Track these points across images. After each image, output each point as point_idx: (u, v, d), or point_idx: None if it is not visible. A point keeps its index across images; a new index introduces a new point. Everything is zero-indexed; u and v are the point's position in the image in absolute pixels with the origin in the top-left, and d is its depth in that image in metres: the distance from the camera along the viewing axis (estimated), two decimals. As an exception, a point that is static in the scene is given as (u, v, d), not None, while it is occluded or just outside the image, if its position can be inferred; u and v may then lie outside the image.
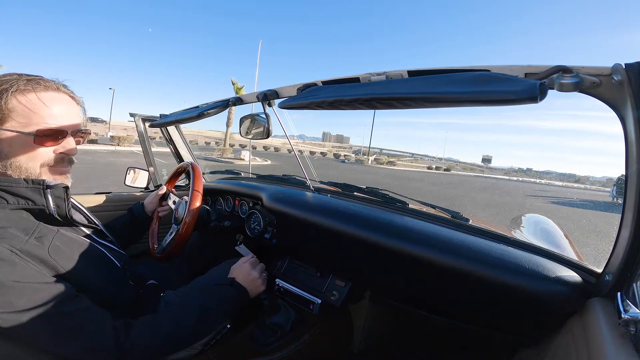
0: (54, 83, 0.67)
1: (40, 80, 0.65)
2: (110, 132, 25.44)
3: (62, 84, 0.69)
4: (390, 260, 0.87)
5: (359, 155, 54.55)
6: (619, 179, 15.87)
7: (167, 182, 1.28)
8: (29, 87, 0.61)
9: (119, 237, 0.91)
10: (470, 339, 1.05)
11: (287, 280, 1.11)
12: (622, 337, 0.44)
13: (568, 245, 1.31)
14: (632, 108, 0.43)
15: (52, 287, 0.55)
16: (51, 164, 0.66)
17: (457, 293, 0.80)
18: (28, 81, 0.62)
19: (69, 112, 0.67)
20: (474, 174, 49.21)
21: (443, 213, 0.98)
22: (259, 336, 1.01)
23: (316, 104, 0.68)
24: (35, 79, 0.64)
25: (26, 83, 0.62)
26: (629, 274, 0.52)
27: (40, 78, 0.65)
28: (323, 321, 1.07)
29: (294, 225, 1.11)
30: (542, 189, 24.64)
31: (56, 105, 0.65)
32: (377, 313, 1.22)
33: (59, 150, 0.66)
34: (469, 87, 0.47)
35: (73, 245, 0.65)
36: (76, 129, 0.69)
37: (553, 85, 0.45)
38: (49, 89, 0.65)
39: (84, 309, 0.57)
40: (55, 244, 0.60)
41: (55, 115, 0.64)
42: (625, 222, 0.52)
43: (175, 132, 1.64)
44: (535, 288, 0.64)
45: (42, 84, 0.64)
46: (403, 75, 0.62)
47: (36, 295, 0.53)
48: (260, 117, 1.10)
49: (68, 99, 0.69)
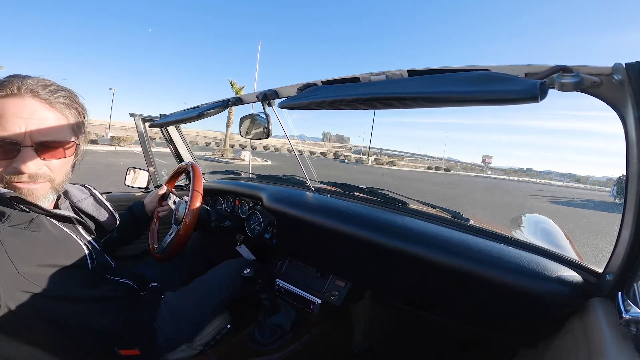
0: (16, 84, 0.58)
1: (5, 83, 0.57)
2: (110, 133, 25.45)
3: (32, 87, 0.59)
4: (390, 260, 0.87)
5: (359, 156, 54.56)
6: (619, 179, 15.86)
7: (167, 182, 1.28)
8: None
9: (118, 236, 0.91)
10: (470, 339, 1.05)
11: (288, 280, 1.11)
12: (623, 337, 0.44)
13: (568, 245, 1.30)
14: (632, 108, 0.42)
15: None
16: (6, 177, 0.58)
17: (458, 293, 0.80)
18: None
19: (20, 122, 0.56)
20: (474, 174, 49.20)
21: (443, 213, 0.98)
22: (259, 336, 1.01)
23: (316, 104, 0.68)
24: (1, 82, 0.58)
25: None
26: (629, 274, 0.52)
27: (6, 80, 0.58)
28: (323, 321, 1.07)
29: (294, 225, 1.11)
30: (542, 189, 24.63)
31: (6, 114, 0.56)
32: (377, 313, 1.22)
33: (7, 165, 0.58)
34: (469, 87, 0.47)
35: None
36: (38, 140, 0.58)
37: (553, 84, 0.45)
38: (8, 96, 0.57)
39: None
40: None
41: (2, 126, 0.55)
42: (625, 222, 0.52)
43: (175, 132, 1.64)
44: (536, 288, 0.63)
45: (3, 90, 0.57)
46: (403, 75, 0.62)
47: None
48: (260, 117, 1.10)
49: (31, 105, 0.58)
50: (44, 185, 0.63)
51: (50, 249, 0.62)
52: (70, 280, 0.63)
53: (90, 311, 0.67)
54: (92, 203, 0.85)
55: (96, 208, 0.85)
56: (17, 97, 0.58)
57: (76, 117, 0.67)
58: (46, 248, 0.61)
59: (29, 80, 0.60)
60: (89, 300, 0.67)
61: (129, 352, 0.75)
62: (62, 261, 0.62)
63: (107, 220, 0.86)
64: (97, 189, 0.90)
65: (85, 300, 0.66)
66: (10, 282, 0.54)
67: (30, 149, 0.58)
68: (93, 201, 0.86)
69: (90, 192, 0.87)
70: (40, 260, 0.59)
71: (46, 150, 0.61)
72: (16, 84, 0.58)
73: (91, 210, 0.84)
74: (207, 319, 0.96)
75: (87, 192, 0.86)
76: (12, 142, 0.57)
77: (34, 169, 0.59)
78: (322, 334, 1.07)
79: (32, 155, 0.59)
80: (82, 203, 0.82)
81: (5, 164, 0.58)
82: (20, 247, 0.56)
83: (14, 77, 0.60)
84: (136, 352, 0.76)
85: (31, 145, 0.58)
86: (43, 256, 0.60)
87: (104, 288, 0.72)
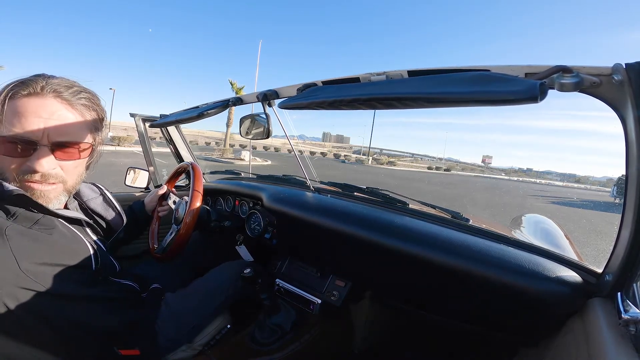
0: (40, 83, 0.58)
1: (30, 82, 0.58)
2: (110, 133, 25.46)
3: (56, 87, 0.60)
4: (390, 260, 0.87)
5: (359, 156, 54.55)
6: (619, 179, 15.87)
7: (168, 182, 1.28)
8: (13, 91, 0.57)
9: (118, 235, 0.91)
10: (470, 339, 1.05)
11: (288, 280, 1.11)
12: (622, 337, 0.44)
13: (568, 245, 1.30)
14: (632, 108, 0.42)
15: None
16: (19, 175, 0.59)
17: (458, 293, 0.80)
18: (17, 84, 0.57)
19: (39, 122, 0.57)
20: (474, 174, 49.20)
21: (443, 213, 0.98)
22: (259, 336, 1.01)
23: (316, 104, 0.68)
24: (27, 81, 0.58)
25: (13, 87, 0.57)
26: (629, 274, 0.52)
27: (31, 79, 0.59)
28: (323, 321, 1.07)
29: (294, 225, 1.11)
30: (542, 189, 24.63)
31: (27, 113, 0.57)
32: (377, 313, 1.22)
33: (21, 163, 0.58)
34: (469, 87, 0.47)
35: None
36: (55, 140, 0.59)
37: (553, 85, 0.45)
38: (30, 95, 0.58)
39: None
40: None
41: (21, 125, 0.56)
42: (625, 222, 0.52)
43: (176, 132, 1.64)
44: (536, 288, 0.64)
45: (27, 88, 0.57)
46: (403, 75, 0.62)
47: None
48: (261, 117, 1.10)
49: (52, 105, 0.59)
50: (56, 187, 0.63)
51: (55, 248, 0.61)
52: (72, 279, 0.63)
53: (90, 311, 0.67)
54: (101, 202, 0.85)
55: (105, 208, 0.85)
56: (39, 96, 0.58)
57: (95, 119, 0.68)
58: (51, 247, 0.61)
59: (53, 80, 0.60)
60: (89, 300, 0.67)
61: (129, 352, 0.75)
62: (65, 260, 0.62)
63: (114, 219, 0.86)
64: (108, 189, 0.89)
65: (85, 301, 0.66)
66: (10, 277, 0.54)
67: (46, 148, 0.59)
68: (102, 201, 0.86)
69: (101, 192, 0.87)
70: (44, 259, 0.58)
71: (62, 151, 0.61)
72: (40, 83, 0.59)
73: (100, 209, 0.84)
74: (207, 320, 0.96)
75: (98, 191, 0.86)
76: (29, 141, 0.57)
77: (47, 169, 0.59)
78: (322, 334, 1.07)
79: (47, 155, 0.59)
80: (91, 202, 0.82)
81: (19, 162, 0.58)
82: (24, 244, 0.56)
83: (39, 76, 0.60)
84: (136, 352, 0.76)
85: (47, 145, 0.59)
86: (47, 255, 0.59)
87: (105, 289, 0.72)
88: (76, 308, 0.64)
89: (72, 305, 0.63)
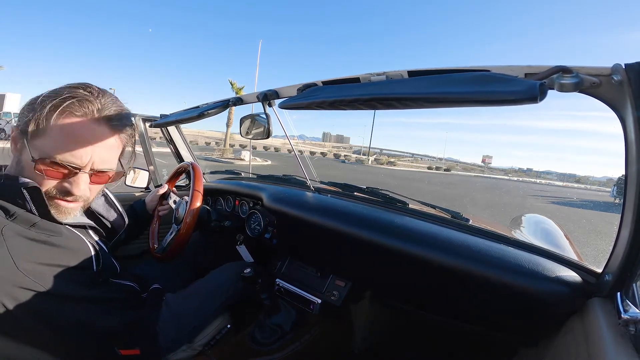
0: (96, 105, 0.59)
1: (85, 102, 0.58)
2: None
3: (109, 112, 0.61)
4: (390, 260, 0.87)
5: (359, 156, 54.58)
6: (619, 179, 15.88)
7: (168, 182, 1.28)
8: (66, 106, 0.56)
9: (120, 236, 0.91)
10: (470, 339, 1.05)
11: (288, 280, 1.11)
12: (621, 337, 0.44)
13: (568, 245, 1.30)
14: (632, 108, 0.43)
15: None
16: (51, 193, 0.61)
17: (457, 293, 0.80)
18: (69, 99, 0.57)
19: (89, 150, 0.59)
20: (474, 174, 49.20)
21: (443, 213, 0.98)
22: (259, 336, 1.01)
23: (316, 104, 0.68)
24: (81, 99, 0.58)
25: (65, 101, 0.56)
26: (628, 274, 0.52)
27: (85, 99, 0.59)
28: (323, 321, 1.08)
29: (294, 225, 1.11)
30: (542, 189, 24.64)
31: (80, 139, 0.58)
32: (377, 313, 1.22)
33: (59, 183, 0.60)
34: (469, 87, 0.47)
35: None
36: (96, 168, 0.61)
37: (553, 85, 0.45)
38: (86, 117, 0.58)
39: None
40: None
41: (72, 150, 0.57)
42: (625, 222, 0.52)
43: (176, 132, 1.64)
44: (536, 288, 0.64)
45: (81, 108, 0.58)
46: (403, 75, 0.62)
47: None
48: (261, 117, 1.10)
49: (103, 135, 0.61)
50: (79, 205, 0.65)
51: (56, 249, 0.61)
52: (72, 280, 0.62)
53: (91, 312, 0.67)
54: (103, 203, 0.85)
55: (106, 209, 0.85)
56: (94, 122, 0.60)
57: (131, 151, 0.71)
58: (51, 247, 0.60)
59: (106, 101, 0.61)
60: (89, 301, 0.67)
61: (130, 352, 0.75)
62: (66, 261, 0.62)
63: (116, 220, 0.86)
64: (110, 190, 0.89)
65: (85, 301, 0.66)
66: (7, 276, 0.53)
67: (86, 174, 0.61)
68: (104, 201, 0.86)
69: (103, 192, 0.86)
70: (42, 259, 0.58)
71: (98, 176, 0.64)
72: (96, 105, 0.60)
73: (101, 210, 0.84)
74: (208, 321, 0.96)
75: (100, 191, 0.86)
76: (76, 167, 0.59)
77: (81, 192, 0.62)
78: (322, 334, 1.07)
79: (85, 180, 0.61)
80: (93, 203, 0.82)
81: (58, 182, 0.60)
82: (22, 244, 0.56)
83: (91, 92, 0.60)
84: (136, 352, 0.76)
85: (89, 172, 0.61)
86: (45, 254, 0.59)
87: (106, 289, 0.72)
88: (76, 308, 0.64)
89: (72, 306, 0.63)
